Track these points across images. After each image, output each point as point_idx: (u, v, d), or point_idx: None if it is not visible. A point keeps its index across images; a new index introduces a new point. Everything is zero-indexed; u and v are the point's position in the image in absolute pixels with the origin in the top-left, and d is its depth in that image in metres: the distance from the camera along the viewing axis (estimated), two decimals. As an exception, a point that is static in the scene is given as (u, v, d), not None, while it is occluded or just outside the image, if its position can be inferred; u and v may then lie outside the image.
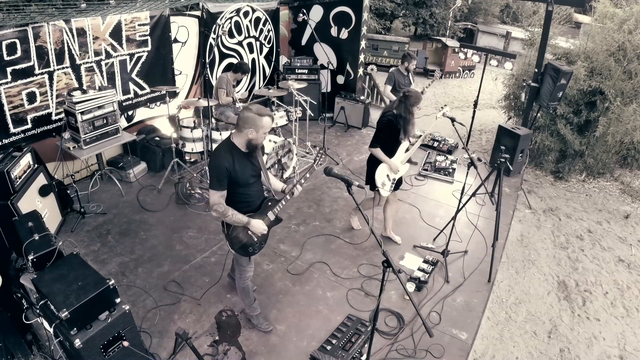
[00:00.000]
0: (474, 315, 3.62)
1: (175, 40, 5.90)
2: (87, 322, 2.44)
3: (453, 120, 4.10)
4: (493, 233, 4.27)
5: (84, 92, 4.59)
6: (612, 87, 5.80)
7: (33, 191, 4.01)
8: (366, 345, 2.74)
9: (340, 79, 7.99)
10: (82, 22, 4.66)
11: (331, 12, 7.55)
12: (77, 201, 4.61)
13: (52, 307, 2.39)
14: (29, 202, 3.85)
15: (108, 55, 5.10)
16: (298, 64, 7.56)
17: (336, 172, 2.52)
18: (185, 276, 3.86)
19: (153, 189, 5.27)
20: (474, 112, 6.79)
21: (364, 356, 2.79)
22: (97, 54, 4.97)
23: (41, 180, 4.21)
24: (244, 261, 3.07)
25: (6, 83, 4.21)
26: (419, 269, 4.00)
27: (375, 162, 4.02)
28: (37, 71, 4.44)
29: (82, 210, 4.59)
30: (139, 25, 5.33)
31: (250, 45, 7.21)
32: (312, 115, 7.00)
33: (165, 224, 4.61)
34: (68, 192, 4.65)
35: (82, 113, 4.49)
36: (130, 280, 3.76)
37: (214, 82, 6.28)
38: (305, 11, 7.25)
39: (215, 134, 5.06)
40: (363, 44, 7.62)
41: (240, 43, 7.01)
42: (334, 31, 7.66)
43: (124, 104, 5.52)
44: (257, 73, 7.59)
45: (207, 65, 6.44)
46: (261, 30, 7.35)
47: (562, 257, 4.68)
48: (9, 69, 4.18)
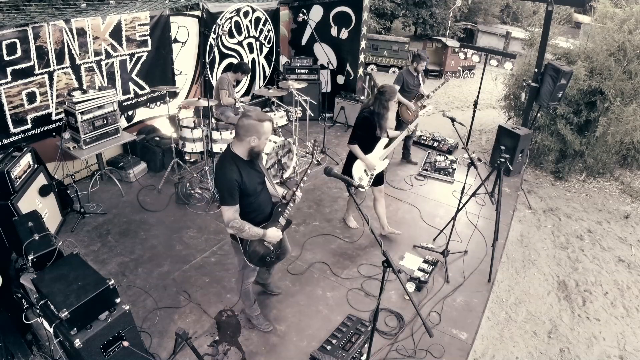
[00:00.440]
0: (474, 315, 3.62)
1: (175, 40, 5.90)
2: (87, 322, 2.44)
3: (453, 120, 4.09)
4: (493, 233, 4.27)
5: (84, 92, 4.59)
6: (612, 87, 5.80)
7: (33, 191, 4.01)
8: (366, 345, 2.74)
9: (340, 79, 7.99)
10: (82, 22, 4.66)
11: (331, 12, 7.55)
12: (77, 201, 4.61)
13: (52, 307, 2.39)
14: (29, 202, 3.85)
15: (108, 55, 5.11)
16: (298, 64, 7.56)
17: (336, 172, 2.51)
18: (185, 276, 3.86)
19: (153, 189, 5.27)
20: (474, 112, 6.78)
21: (364, 356, 2.79)
22: (97, 54, 4.97)
23: (41, 180, 4.21)
24: (250, 268, 3.04)
25: (6, 83, 4.21)
26: (419, 269, 4.00)
27: (353, 157, 4.08)
28: (37, 71, 4.44)
29: (82, 210, 4.59)
30: (139, 25, 5.32)
31: (250, 45, 7.21)
32: (312, 115, 7.00)
33: (165, 224, 4.61)
34: (68, 192, 4.65)
35: (82, 113, 4.50)
36: (130, 280, 3.76)
37: (214, 82, 6.28)
38: (305, 11, 7.26)
39: (215, 134, 5.06)
40: (363, 44, 7.62)
41: (240, 43, 7.01)
42: (334, 31, 7.66)
43: (124, 104, 5.53)
44: (257, 73, 7.59)
45: (207, 65, 6.44)
46: (261, 30, 7.35)
47: (562, 257, 4.68)
48: (9, 69, 4.18)
